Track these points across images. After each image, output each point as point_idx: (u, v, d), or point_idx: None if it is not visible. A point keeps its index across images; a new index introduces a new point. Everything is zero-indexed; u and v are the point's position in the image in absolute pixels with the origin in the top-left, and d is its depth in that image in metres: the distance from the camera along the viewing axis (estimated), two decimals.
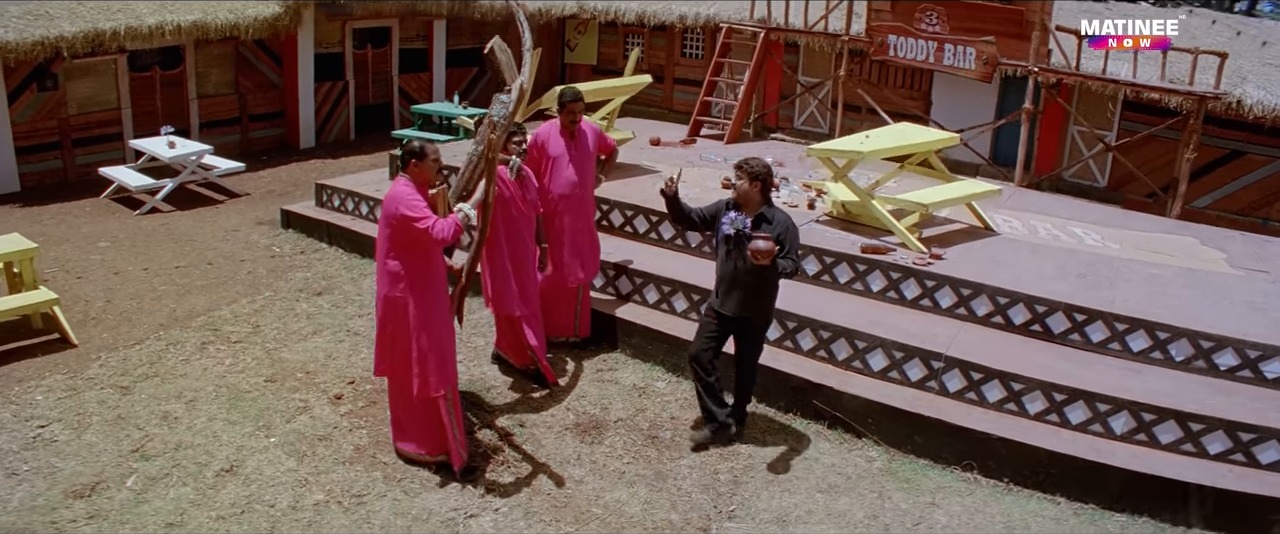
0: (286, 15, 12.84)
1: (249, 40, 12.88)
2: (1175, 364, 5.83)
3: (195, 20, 11.77)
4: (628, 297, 7.43)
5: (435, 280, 5.20)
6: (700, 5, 16.02)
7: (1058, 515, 5.13)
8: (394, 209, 4.96)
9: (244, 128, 13.46)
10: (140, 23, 11.19)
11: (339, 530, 4.83)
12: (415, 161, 5.09)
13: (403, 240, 5.01)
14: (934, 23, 10.38)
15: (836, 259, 7.01)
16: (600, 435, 5.99)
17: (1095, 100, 11.01)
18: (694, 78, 15.43)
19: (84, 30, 10.72)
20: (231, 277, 8.43)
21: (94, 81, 11.56)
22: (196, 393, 6.18)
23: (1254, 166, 10.40)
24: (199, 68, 12.66)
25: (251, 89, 13.44)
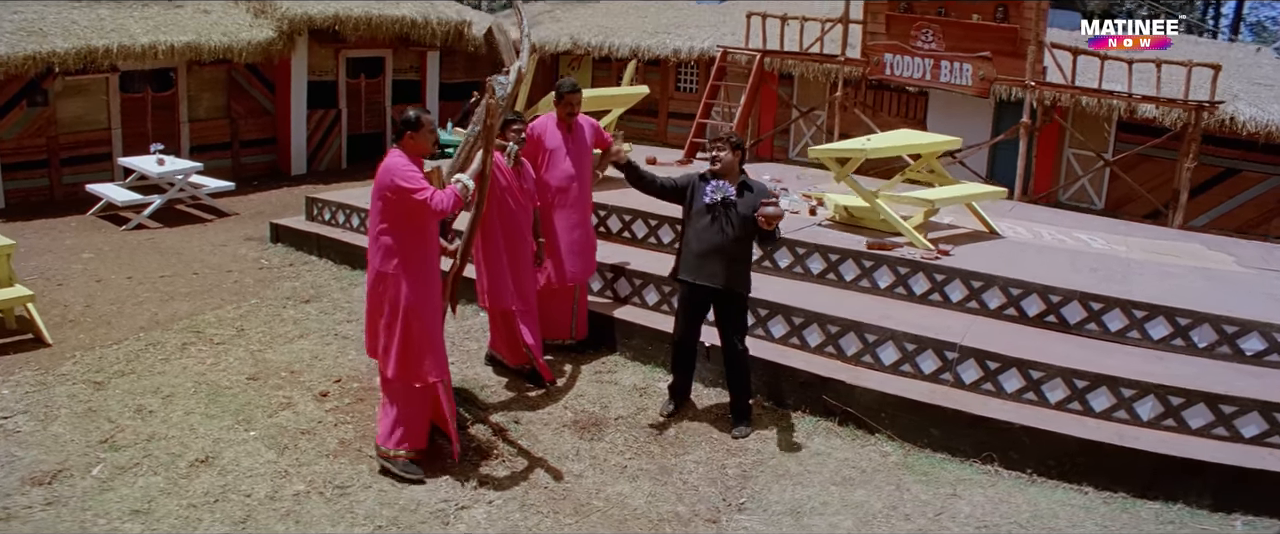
0: (280, 41, 12.65)
1: (242, 65, 12.66)
2: (1198, 350, 5.50)
3: (188, 41, 11.55)
4: (626, 299, 7.09)
5: (429, 258, 4.85)
6: (694, 39, 15.99)
7: (1086, 504, 4.75)
8: (388, 180, 4.63)
9: (235, 153, 13.17)
10: (133, 42, 10.96)
11: (320, 520, 4.41)
12: (411, 133, 4.77)
13: (397, 214, 4.67)
14: (930, 40, 10.24)
15: (842, 256, 6.70)
16: (600, 432, 5.60)
17: (1091, 121, 10.87)
18: (688, 111, 15.28)
19: (76, 47, 10.47)
20: (217, 285, 8.05)
21: (85, 101, 11.28)
22: (174, 389, 5.77)
23: (1250, 184, 10.24)
24: (191, 91, 12.40)
25: (243, 114, 13.17)
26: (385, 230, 4.71)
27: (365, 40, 13.92)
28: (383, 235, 4.71)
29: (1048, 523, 4.54)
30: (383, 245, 4.72)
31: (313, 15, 12.80)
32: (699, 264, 5.39)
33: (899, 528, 4.56)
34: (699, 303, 5.55)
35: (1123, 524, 4.52)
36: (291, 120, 13.52)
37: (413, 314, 4.75)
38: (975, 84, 9.81)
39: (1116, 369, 5.20)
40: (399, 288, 4.71)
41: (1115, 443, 4.80)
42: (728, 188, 5.34)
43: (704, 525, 4.62)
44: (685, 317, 5.63)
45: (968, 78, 9.89)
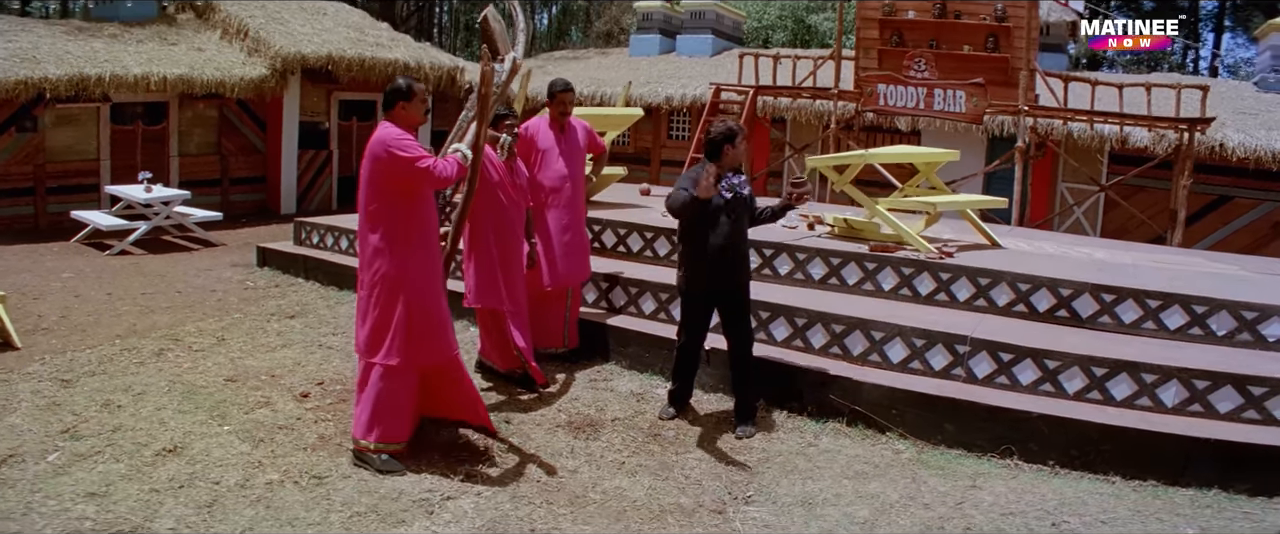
0: (273, 79, 12.49)
1: (234, 102, 12.48)
2: (1218, 339, 5.19)
3: (181, 74, 11.37)
4: (622, 308, 6.76)
5: (428, 231, 4.52)
6: (686, 86, 15.95)
7: (1115, 493, 4.37)
8: (382, 151, 4.29)
9: (224, 189, 12.89)
10: (126, 72, 10.77)
11: (293, 506, 4.00)
12: (403, 102, 4.46)
13: (393, 187, 4.33)
14: (923, 69, 10.13)
15: (844, 260, 6.41)
16: (596, 432, 5.22)
17: (1084, 153, 10.73)
18: (680, 158, 15.18)
19: (69, 74, 10.26)
20: (200, 302, 7.69)
21: (75, 130, 11.03)
22: (146, 387, 5.37)
23: (1243, 210, 10.09)
24: (182, 126, 12.18)
25: (234, 151, 12.94)
26: (379, 207, 4.38)
27: (358, 83, 13.79)
28: (376, 212, 4.39)
29: (1077, 509, 4.17)
30: (376, 222, 4.40)
31: (306, 55, 12.68)
32: (720, 268, 5.08)
33: (918, 516, 4.18)
34: (713, 306, 5.25)
35: (1157, 509, 4.15)
36: (282, 159, 13.30)
37: (413, 290, 4.41)
38: (969, 110, 9.66)
39: (1135, 358, 4.89)
40: (391, 263, 4.38)
41: (1142, 428, 4.46)
42: (741, 181, 5.06)
43: (709, 516, 4.23)
44: (699, 322, 5.29)
45: (961, 104, 9.75)
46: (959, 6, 10.41)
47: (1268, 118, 9.78)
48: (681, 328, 5.38)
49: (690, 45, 19.74)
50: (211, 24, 13.25)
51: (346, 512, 3.97)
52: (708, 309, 5.27)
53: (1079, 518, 4.06)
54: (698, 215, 5.01)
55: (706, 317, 5.30)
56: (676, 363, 5.45)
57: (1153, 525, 3.94)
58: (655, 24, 21.12)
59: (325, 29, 13.73)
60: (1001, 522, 4.07)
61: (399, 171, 4.29)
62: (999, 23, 9.95)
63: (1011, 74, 9.78)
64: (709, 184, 4.75)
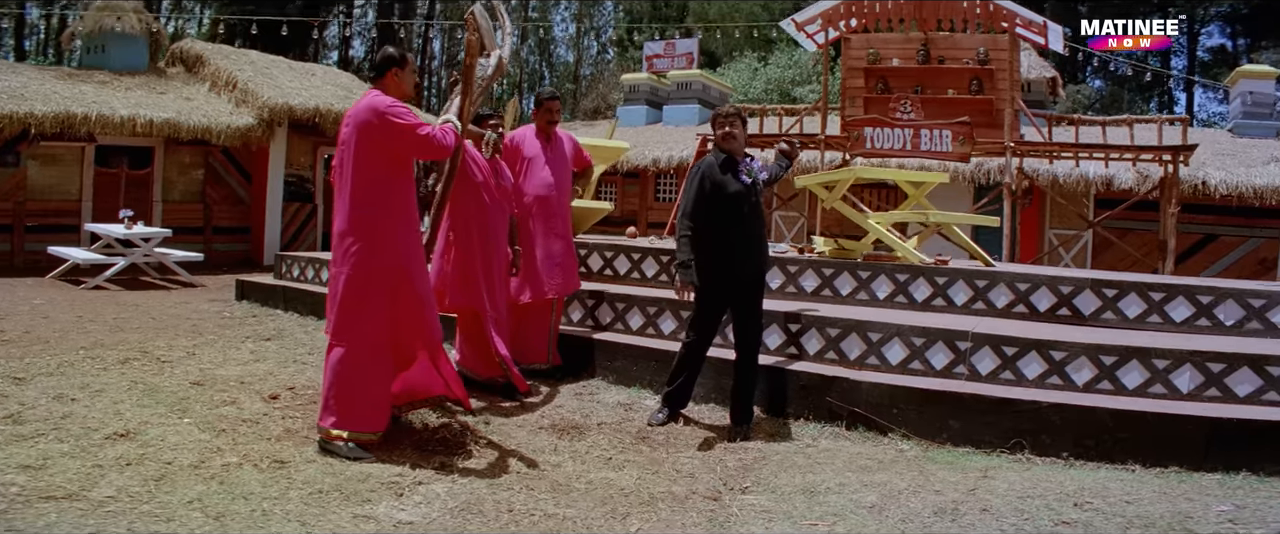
0: (260, 128, 12.33)
1: (220, 150, 12.28)
2: (1226, 329, 4.92)
3: (168, 118, 11.19)
4: (608, 326, 6.45)
5: (409, 207, 4.23)
6: (672, 149, 15.91)
7: (1136, 479, 4.03)
8: (375, 117, 3.98)
9: (207, 238, 12.59)
10: (113, 112, 10.57)
11: (249, 483, 3.60)
12: (396, 69, 4.21)
13: (380, 156, 4.04)
14: (908, 110, 10.06)
15: (837, 270, 6.15)
16: (581, 435, 4.84)
17: (1070, 196, 10.63)
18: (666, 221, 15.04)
19: (55, 112, 10.05)
20: (173, 325, 7.32)
21: (58, 170, 10.77)
22: (105, 386, 4.98)
23: (1229, 248, 9.97)
24: (167, 172, 11.95)
25: (218, 201, 12.68)
26: (360, 178, 4.08)
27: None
28: (357, 183, 4.08)
29: (1098, 493, 3.82)
30: (356, 194, 4.09)
31: (294, 106, 12.55)
32: (740, 256, 4.80)
33: (930, 500, 3.81)
34: (731, 295, 4.90)
35: (1184, 492, 3.80)
36: (267, 210, 13.04)
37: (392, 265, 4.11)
38: (955, 149, 9.55)
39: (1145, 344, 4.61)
40: (369, 236, 4.08)
41: (1161, 411, 4.14)
42: (756, 165, 4.85)
43: (703, 502, 3.84)
44: (713, 316, 4.96)
45: (947, 144, 9.63)
46: (942, 52, 10.42)
47: (1245, 157, 9.78)
48: (692, 324, 5.03)
49: (677, 115, 19.85)
50: (201, 77, 13.16)
51: (307, 489, 3.58)
52: (724, 303, 4.94)
53: (1103, 499, 3.71)
54: (719, 202, 4.77)
55: (721, 311, 4.99)
56: (679, 362, 5.07)
57: (1182, 505, 3.59)
58: (642, 95, 21.28)
59: (314, 85, 13.66)
60: (1020, 503, 3.71)
61: (394, 139, 4.01)
62: (981, 66, 9.93)
63: (996, 115, 9.71)
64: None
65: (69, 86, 10.90)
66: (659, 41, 23.95)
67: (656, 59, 22.61)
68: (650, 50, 23.00)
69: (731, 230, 4.78)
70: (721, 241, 4.77)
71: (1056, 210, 10.64)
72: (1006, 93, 9.45)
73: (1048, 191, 10.67)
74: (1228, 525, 3.33)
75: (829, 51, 11.36)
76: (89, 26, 12.69)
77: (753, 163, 4.88)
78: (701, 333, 4.99)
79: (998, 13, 9.48)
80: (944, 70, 10.28)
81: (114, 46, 12.66)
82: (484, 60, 5.20)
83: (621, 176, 16.72)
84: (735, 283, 4.85)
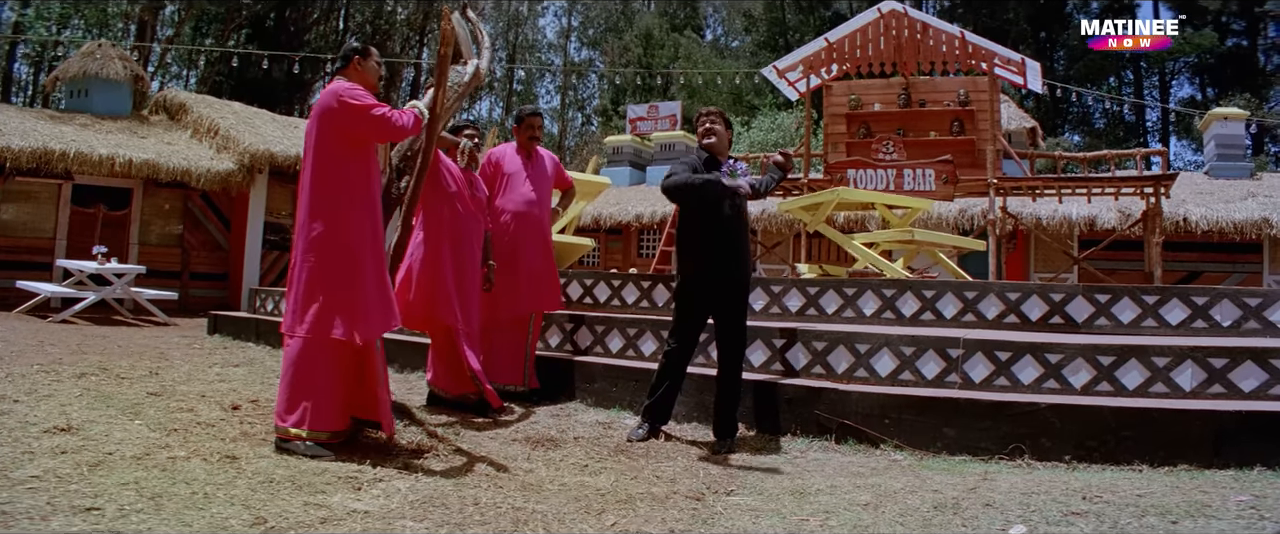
0: (240, 174, 12.14)
1: (199, 195, 12.06)
2: (1223, 330, 4.71)
3: (147, 159, 10.98)
4: (587, 349, 6.18)
5: (372, 195, 4.04)
6: (655, 205, 15.83)
7: (1146, 477, 3.76)
8: (334, 101, 3.87)
9: (184, 283, 12.27)
10: (91, 150, 10.36)
11: (196, 474, 3.29)
12: (358, 59, 4.12)
13: (340, 139, 3.89)
14: (891, 151, 9.99)
15: (821, 289, 5.93)
16: (556, 446, 4.55)
17: (1054, 237, 10.53)
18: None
19: (32, 147, 9.83)
20: (138, 352, 7.00)
21: (32, 207, 10.50)
22: (55, 392, 4.67)
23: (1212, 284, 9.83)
24: (145, 214, 11.70)
25: (196, 246, 12.41)
26: (322, 164, 3.92)
27: None
28: (319, 170, 3.92)
29: (1107, 489, 3.55)
30: (316, 181, 3.91)
31: (275, 153, 12.38)
32: (723, 254, 4.58)
33: (928, 497, 3.53)
34: (711, 301, 4.66)
35: (1198, 486, 3.53)
36: (245, 257, 12.74)
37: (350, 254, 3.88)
38: (939, 188, 9.45)
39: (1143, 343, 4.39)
40: (329, 224, 3.86)
41: (1166, 408, 3.91)
42: (740, 168, 4.63)
43: (685, 501, 3.55)
44: (694, 322, 4.70)
45: (931, 183, 9.54)
46: (923, 95, 10.41)
47: (1223, 195, 9.81)
48: (672, 332, 4.76)
49: (661, 174, 19.81)
50: (183, 124, 13.01)
51: (257, 479, 3.28)
52: (705, 307, 4.68)
53: (1112, 493, 3.45)
54: (699, 200, 4.57)
55: (702, 316, 4.72)
56: (659, 372, 4.76)
57: (1197, 497, 3.33)
58: (626, 157, 21.29)
59: (297, 135, 13.52)
60: (1024, 499, 3.44)
61: (351, 120, 3.86)
62: (963, 106, 9.91)
63: (978, 155, 9.66)
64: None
65: (49, 126, 10.72)
66: (642, 105, 24.13)
67: (640, 121, 22.73)
68: (634, 113, 23.15)
69: (710, 230, 4.58)
70: (700, 242, 4.56)
71: (1041, 254, 10.53)
72: (988, 132, 9.41)
73: (1031, 233, 10.56)
74: (1250, 512, 3.07)
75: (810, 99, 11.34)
76: (73, 71, 12.57)
77: (737, 165, 4.70)
78: (681, 340, 4.73)
79: (977, 52, 9.49)
80: (925, 113, 10.26)
81: (97, 91, 12.52)
82: (460, 67, 5.07)
83: (605, 232, 16.60)
84: (715, 287, 4.61)
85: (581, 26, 45.38)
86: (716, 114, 4.74)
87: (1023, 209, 9.98)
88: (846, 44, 10.75)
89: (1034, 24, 30.08)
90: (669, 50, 35.92)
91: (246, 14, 24.10)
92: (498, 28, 41.80)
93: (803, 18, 34.02)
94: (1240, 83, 27.80)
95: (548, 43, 46.12)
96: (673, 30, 37.96)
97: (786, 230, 13.29)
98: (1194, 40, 27.94)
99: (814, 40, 11.23)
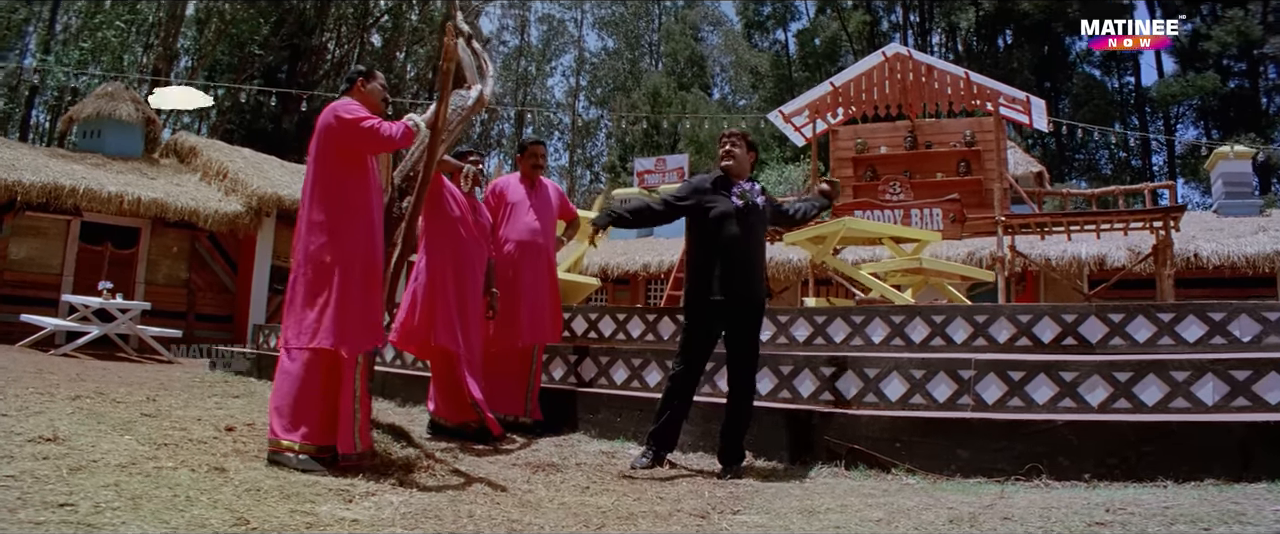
0: (248, 216, 12.14)
1: (206, 236, 12.04)
2: (1243, 346, 4.54)
3: (155, 198, 10.99)
4: (591, 381, 6.04)
5: (371, 211, 3.98)
6: (663, 255, 15.79)
7: (1170, 493, 3.59)
8: (331, 118, 3.89)
9: (189, 324, 12.17)
10: (100, 188, 10.38)
11: (182, 482, 3.16)
12: (362, 80, 4.16)
13: (337, 159, 3.88)
14: (898, 191, 9.93)
15: (828, 318, 5.81)
16: (557, 471, 4.40)
17: (1064, 277, 10.40)
18: None
19: (43, 182, 9.85)
20: (139, 382, 6.87)
21: (41, 242, 10.47)
22: (47, 409, 4.55)
23: None
24: (152, 254, 11.66)
25: (203, 287, 12.34)
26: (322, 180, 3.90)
27: None
28: (319, 186, 3.89)
29: (1130, 503, 3.38)
30: (317, 196, 3.88)
31: (283, 196, 12.40)
32: (730, 275, 4.43)
33: (943, 513, 3.36)
34: (720, 324, 4.52)
35: (1228, 497, 3.35)
36: (252, 300, 12.68)
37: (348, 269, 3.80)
38: (947, 227, 9.35)
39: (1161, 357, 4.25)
40: (328, 238, 3.80)
41: (1188, 421, 3.75)
42: (754, 189, 4.57)
43: (689, 518, 3.40)
44: (703, 343, 4.53)
45: (938, 222, 9.44)
46: (929, 137, 10.39)
47: (1232, 231, 9.75)
48: (679, 353, 4.59)
49: (668, 227, 19.79)
50: (193, 167, 13.07)
51: (244, 487, 3.15)
52: (714, 328, 4.53)
53: (1136, 506, 3.28)
54: (703, 222, 4.48)
55: (711, 338, 4.55)
56: (665, 395, 4.57)
57: (1228, 506, 3.16)
58: None
59: None
60: (1044, 513, 3.27)
61: (345, 134, 3.84)
62: (969, 147, 9.87)
63: (985, 195, 9.59)
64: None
65: (61, 164, 10.77)
66: (650, 159, 24.24)
67: (648, 174, 22.80)
68: (641, 166, 23.24)
69: (711, 251, 4.47)
70: (707, 252, 4.46)
71: (1051, 293, 10.41)
72: (995, 171, 9.35)
73: (1041, 273, 10.44)
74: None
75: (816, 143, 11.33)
76: (87, 112, 12.68)
77: (751, 187, 4.61)
78: (688, 361, 4.58)
79: (981, 92, 9.48)
80: (931, 154, 10.22)
81: (110, 133, 12.61)
82: (464, 91, 5.03)
83: (612, 282, 16.51)
84: (720, 308, 4.48)
85: (589, 86, 45.94)
86: (739, 137, 4.67)
87: (1031, 249, 9.86)
88: (852, 88, 10.76)
89: (1038, 73, 30.32)
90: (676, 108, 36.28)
91: (258, 65, 24.45)
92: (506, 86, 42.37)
93: (809, 74, 34.35)
94: (1245, 124, 27.88)
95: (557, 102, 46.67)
96: (680, 88, 38.33)
97: (794, 276, 13.16)
98: (1196, 83, 28.06)
99: (820, 85, 11.26)
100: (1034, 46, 31.73)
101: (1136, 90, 32.42)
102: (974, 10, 32.38)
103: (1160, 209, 8.25)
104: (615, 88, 43.34)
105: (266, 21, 24.02)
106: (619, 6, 45.76)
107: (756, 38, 41.42)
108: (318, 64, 28.30)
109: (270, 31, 24.37)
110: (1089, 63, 32.31)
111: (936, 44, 35.30)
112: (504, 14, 45.00)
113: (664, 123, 36.42)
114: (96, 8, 22.06)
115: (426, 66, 32.61)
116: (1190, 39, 29.39)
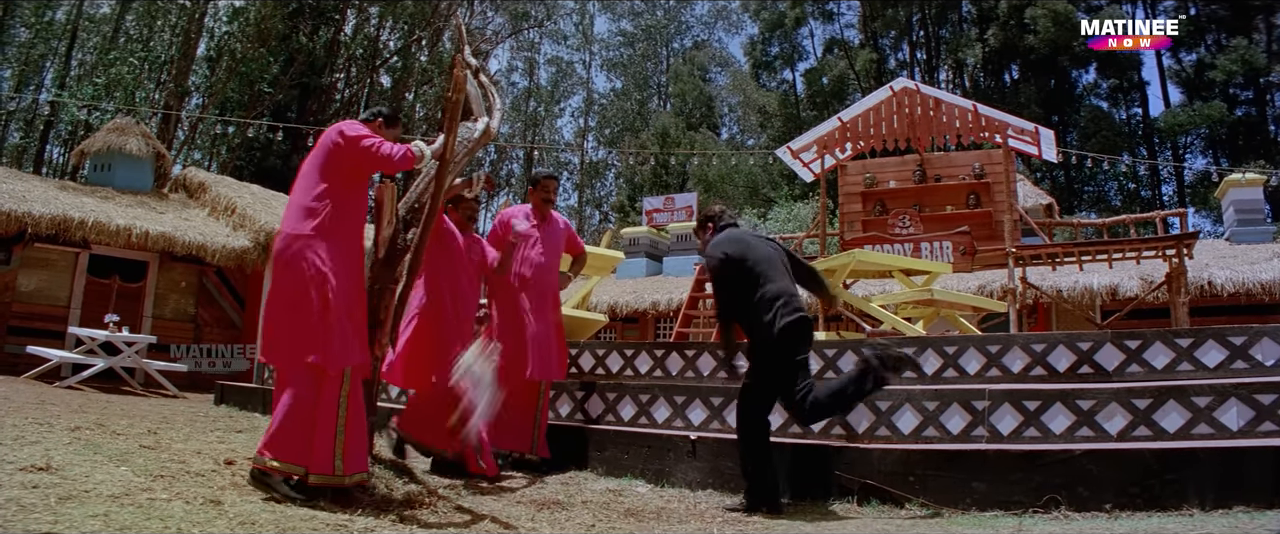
0: (255, 251, 12.13)
1: (213, 271, 12.03)
2: (1265, 369, 4.43)
3: (164, 231, 11.00)
4: (598, 418, 5.95)
5: (356, 232, 3.96)
6: (671, 293, 15.72)
7: (1196, 523, 3.47)
8: (336, 134, 3.88)
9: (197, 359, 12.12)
10: (109, 220, 10.40)
11: (175, 515, 3.07)
12: (382, 121, 4.21)
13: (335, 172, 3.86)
14: (907, 225, 9.86)
15: (839, 350, 5.71)
16: (563, 508, 4.30)
17: (1078, 307, 10.28)
18: None
19: (52, 214, 9.87)
20: (141, 415, 6.80)
21: (49, 274, 10.47)
22: (42, 440, 4.47)
23: None
24: (160, 288, 11.65)
25: (210, 322, 12.31)
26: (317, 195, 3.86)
27: None
28: (315, 200, 3.85)
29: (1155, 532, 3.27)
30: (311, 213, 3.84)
31: None
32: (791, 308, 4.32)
33: None
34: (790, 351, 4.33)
35: (1260, 525, 3.23)
36: (258, 335, 12.62)
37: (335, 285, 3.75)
38: (957, 260, 9.26)
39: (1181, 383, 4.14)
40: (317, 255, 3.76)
41: (1214, 446, 3.64)
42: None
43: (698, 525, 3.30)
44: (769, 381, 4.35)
45: (949, 255, 9.36)
46: (938, 170, 10.34)
47: (1246, 258, 9.67)
48: (750, 397, 4.40)
49: (677, 265, 19.64)
50: (201, 202, 13.12)
51: (237, 520, 3.06)
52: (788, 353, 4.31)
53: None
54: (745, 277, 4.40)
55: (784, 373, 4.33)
56: (751, 447, 4.34)
57: (1259, 531, 3.04)
58: (642, 248, 21.16)
59: None
60: None
61: (344, 150, 3.83)
62: (978, 179, 9.82)
63: (995, 227, 9.51)
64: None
65: (71, 196, 10.82)
66: (658, 197, 24.21)
67: (656, 213, 22.72)
68: (649, 205, 23.16)
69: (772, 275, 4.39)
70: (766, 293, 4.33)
71: (1063, 324, 10.28)
72: (1005, 203, 9.28)
73: (1053, 304, 10.32)
74: None
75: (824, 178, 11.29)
76: (98, 145, 12.77)
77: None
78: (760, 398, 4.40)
79: (990, 124, 9.45)
80: (940, 188, 10.17)
81: (120, 167, 12.68)
82: (471, 123, 5.01)
83: (620, 322, 16.42)
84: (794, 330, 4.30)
85: (598, 126, 46.17)
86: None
87: (1043, 281, 9.76)
88: (860, 123, 10.74)
89: (1045, 107, 30.32)
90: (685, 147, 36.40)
91: (268, 103, 24.68)
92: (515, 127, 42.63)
93: (817, 112, 34.48)
94: (1254, 152, 27.77)
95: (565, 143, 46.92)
96: (689, 128, 38.46)
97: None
98: (1203, 112, 27.98)
99: (828, 120, 11.25)
100: (1041, 80, 31.79)
101: (1144, 121, 32.40)
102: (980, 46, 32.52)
103: (1172, 237, 8.17)
104: (624, 128, 43.53)
105: (277, 60, 24.30)
106: (627, 49, 46.17)
107: (764, 77, 41.59)
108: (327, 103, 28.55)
109: (280, 70, 24.64)
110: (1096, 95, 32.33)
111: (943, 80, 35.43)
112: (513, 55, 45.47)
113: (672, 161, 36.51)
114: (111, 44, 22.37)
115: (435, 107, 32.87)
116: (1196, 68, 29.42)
